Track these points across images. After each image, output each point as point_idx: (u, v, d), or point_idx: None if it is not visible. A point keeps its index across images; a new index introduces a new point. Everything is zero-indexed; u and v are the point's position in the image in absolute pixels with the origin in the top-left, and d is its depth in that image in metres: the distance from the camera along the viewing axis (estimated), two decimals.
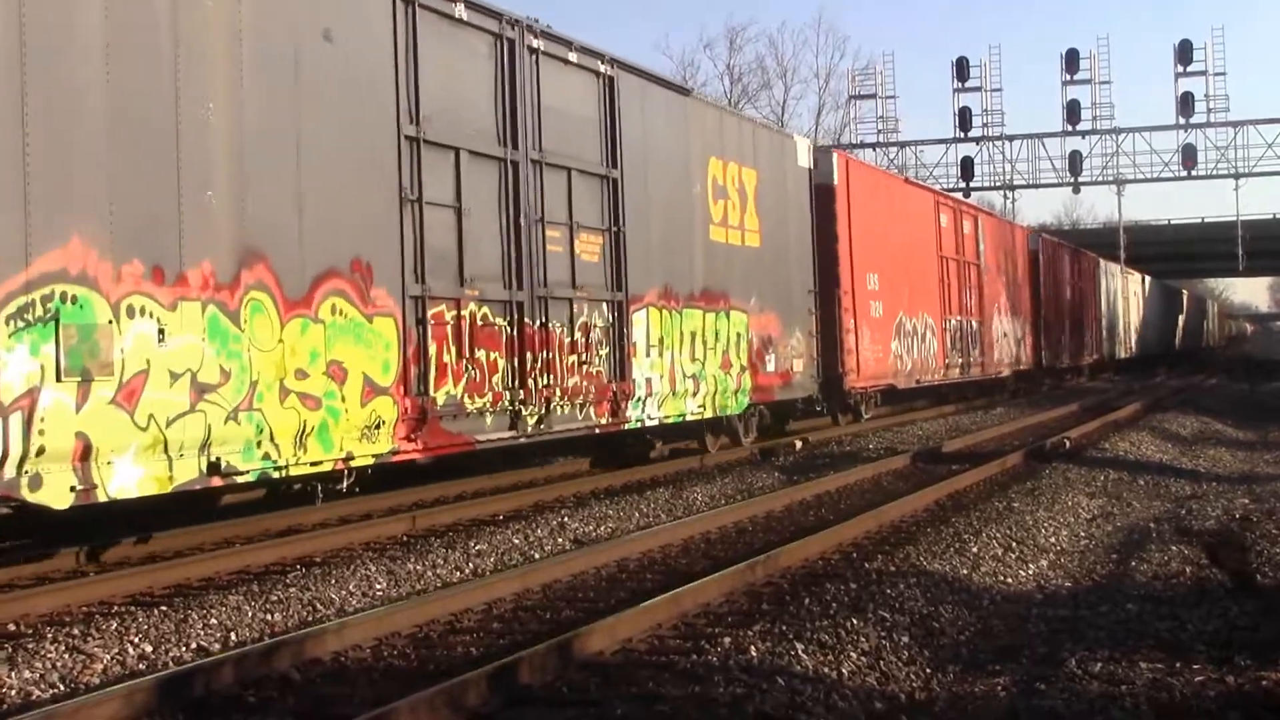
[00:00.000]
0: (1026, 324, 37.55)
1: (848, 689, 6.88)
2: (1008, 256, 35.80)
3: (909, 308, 26.47)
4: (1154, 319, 69.99)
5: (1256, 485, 15.65)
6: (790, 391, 20.47)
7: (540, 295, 13.91)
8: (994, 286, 33.54)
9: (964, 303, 30.53)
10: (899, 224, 26.38)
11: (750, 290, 19.10)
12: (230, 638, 8.25)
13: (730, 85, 61.39)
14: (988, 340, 32.60)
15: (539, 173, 13.99)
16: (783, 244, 20.42)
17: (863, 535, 11.88)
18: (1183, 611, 8.67)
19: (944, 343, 28.62)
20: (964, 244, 31.00)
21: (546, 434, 13.94)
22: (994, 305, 33.40)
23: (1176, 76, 52.62)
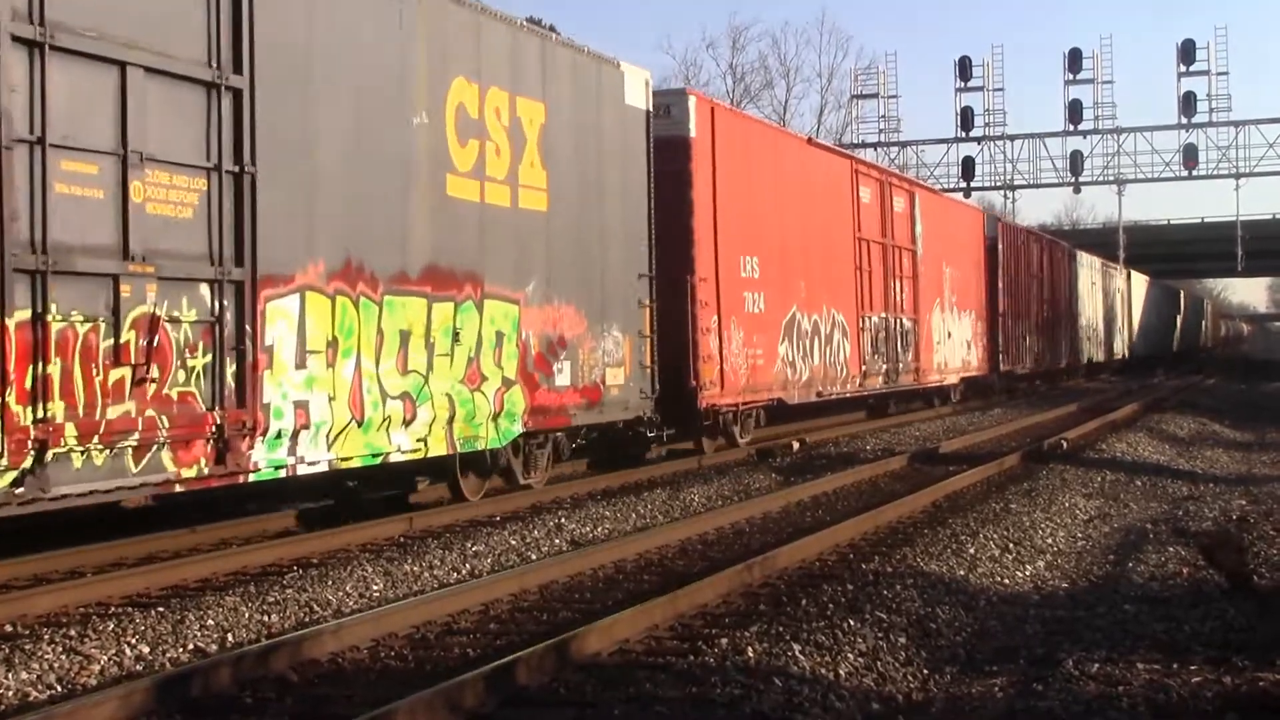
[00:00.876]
0: (980, 323, 32.92)
1: (845, 690, 6.88)
2: (956, 243, 30.89)
3: (808, 302, 21.52)
4: (1145, 319, 67.08)
5: (1253, 486, 15.67)
6: (601, 413, 15.34)
7: (30, 268, 8.59)
8: (935, 278, 28.64)
9: (892, 297, 25.79)
10: (795, 195, 21.22)
11: (526, 272, 13.90)
12: (227, 639, 8.25)
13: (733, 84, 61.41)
14: (924, 342, 27.64)
15: (37, 60, 8.64)
16: (591, 210, 15.06)
17: (860, 536, 11.88)
18: (1180, 612, 8.68)
19: (860, 345, 23.80)
20: (893, 225, 25.95)
21: (41, 501, 8.72)
22: (935, 300, 28.66)
23: (1179, 76, 52.66)
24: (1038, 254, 40.01)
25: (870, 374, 24.41)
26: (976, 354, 32.60)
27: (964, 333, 31.44)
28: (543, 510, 13.56)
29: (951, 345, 30.19)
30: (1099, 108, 53.55)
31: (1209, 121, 52.43)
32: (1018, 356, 36.72)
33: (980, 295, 33.01)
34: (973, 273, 32.46)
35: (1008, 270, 35.46)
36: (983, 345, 33.12)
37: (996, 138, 54.37)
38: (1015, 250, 36.68)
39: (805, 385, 21.33)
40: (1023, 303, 37.29)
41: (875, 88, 56.21)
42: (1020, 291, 37.02)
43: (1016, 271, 36.57)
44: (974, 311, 32.34)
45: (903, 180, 28.61)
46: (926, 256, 27.98)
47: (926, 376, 28.12)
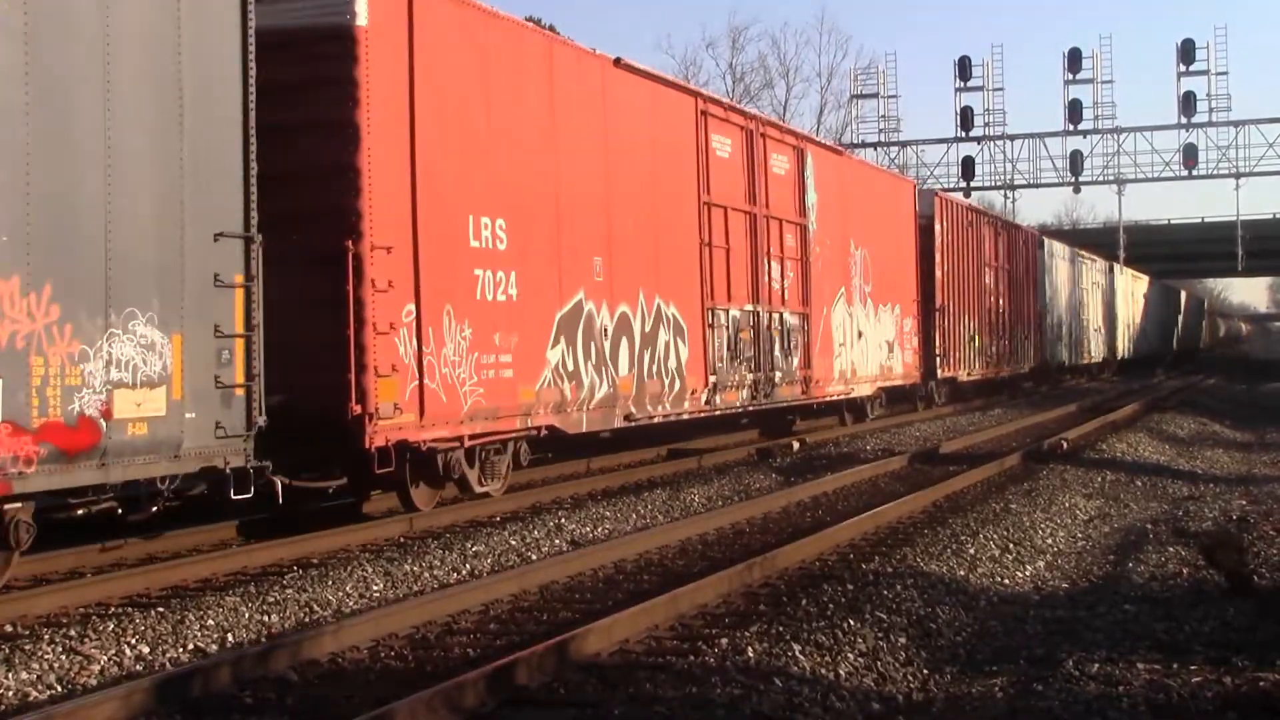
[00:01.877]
0: (911, 320, 26.98)
1: (845, 690, 6.88)
2: (875, 220, 24.90)
3: (610, 288, 15.46)
4: (1135, 317, 62.05)
5: (1254, 486, 15.67)
6: (99, 467, 9.05)
7: None
8: (838, 262, 22.71)
9: (766, 284, 19.42)
10: (587, 136, 15.21)
11: None
12: (227, 639, 8.25)
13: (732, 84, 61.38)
14: (820, 343, 21.54)
15: None
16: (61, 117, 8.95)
17: (860, 536, 11.88)
18: (1180, 613, 8.68)
19: (708, 348, 17.59)
20: (768, 190, 19.60)
21: None
22: (838, 290, 22.63)
23: (1179, 76, 52.71)
24: (991, 239, 33.82)
25: (726, 386, 18.16)
26: (903, 358, 26.45)
27: (884, 331, 25.35)
28: (543, 510, 13.56)
29: (864, 347, 24.00)
30: (1099, 107, 53.67)
31: (1209, 121, 52.48)
32: (963, 360, 30.60)
33: (911, 286, 27.03)
34: (900, 258, 26.40)
35: (949, 256, 29.59)
36: (913, 347, 27.13)
37: (996, 137, 54.41)
38: (960, 233, 30.59)
39: (602, 405, 15.13)
40: (971, 296, 31.28)
41: (875, 88, 56.28)
42: (967, 283, 31.05)
43: (961, 258, 30.64)
44: (899, 305, 26.19)
45: (787, 133, 21.36)
46: (825, 234, 21.82)
47: (823, 387, 21.81)
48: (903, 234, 26.89)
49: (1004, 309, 34.84)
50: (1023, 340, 37.07)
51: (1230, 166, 53.07)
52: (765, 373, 19.39)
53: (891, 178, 29.36)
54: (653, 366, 16.38)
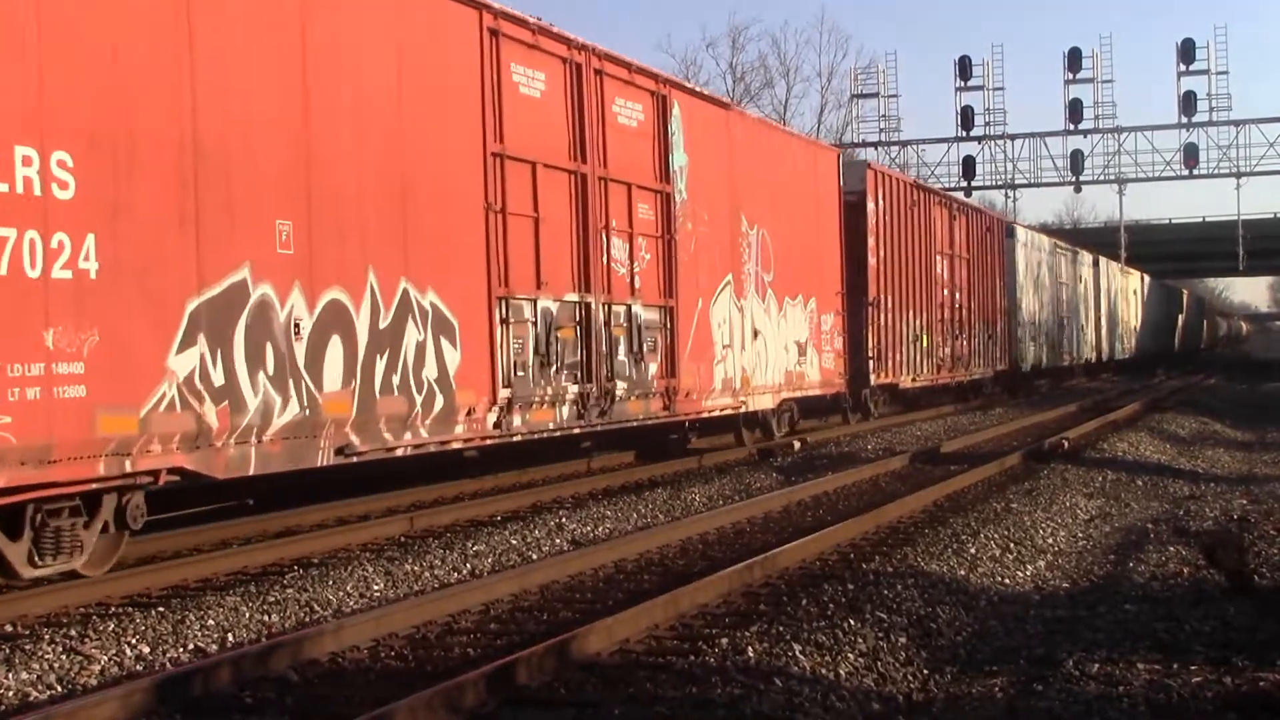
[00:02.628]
0: (833, 317, 22.38)
1: (845, 690, 6.88)
2: (782, 193, 20.23)
3: (322, 265, 11.11)
4: (1127, 315, 58.03)
5: (1254, 486, 15.67)
6: None
7: None
8: (723, 242, 18.13)
9: (599, 267, 14.84)
10: (258, 37, 10.63)
11: None
12: (228, 639, 8.25)
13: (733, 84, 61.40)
14: (694, 345, 17.05)
15: None
16: None
17: (860, 536, 11.88)
18: (1180, 612, 8.68)
19: (496, 350, 13.13)
20: (609, 144, 15.17)
21: None
22: (724, 278, 18.15)
23: (1179, 75, 52.75)
24: (945, 223, 29.13)
25: (531, 403, 13.63)
26: (820, 361, 21.71)
27: (793, 330, 20.64)
28: (544, 510, 13.57)
29: (762, 350, 19.38)
30: (1099, 107, 53.70)
31: (1209, 121, 52.49)
32: (906, 363, 26.26)
33: (832, 275, 22.40)
34: (816, 241, 21.76)
35: (887, 241, 25.13)
36: (835, 349, 22.47)
37: (997, 137, 54.43)
38: (901, 213, 26.00)
39: (289, 435, 10.69)
40: (917, 289, 26.93)
41: (875, 87, 56.26)
42: (912, 273, 26.62)
43: (904, 244, 26.16)
44: (816, 299, 21.60)
45: (641, 73, 16.26)
46: (701, 206, 17.38)
47: (698, 399, 17.29)
48: (822, 212, 21.87)
49: (962, 304, 30.29)
50: (986, 340, 32.67)
51: (1231, 166, 53.10)
52: (600, 384, 14.76)
53: (806, 143, 23.42)
54: (393, 377, 11.73)
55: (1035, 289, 38.97)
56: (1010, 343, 35.26)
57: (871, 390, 25.10)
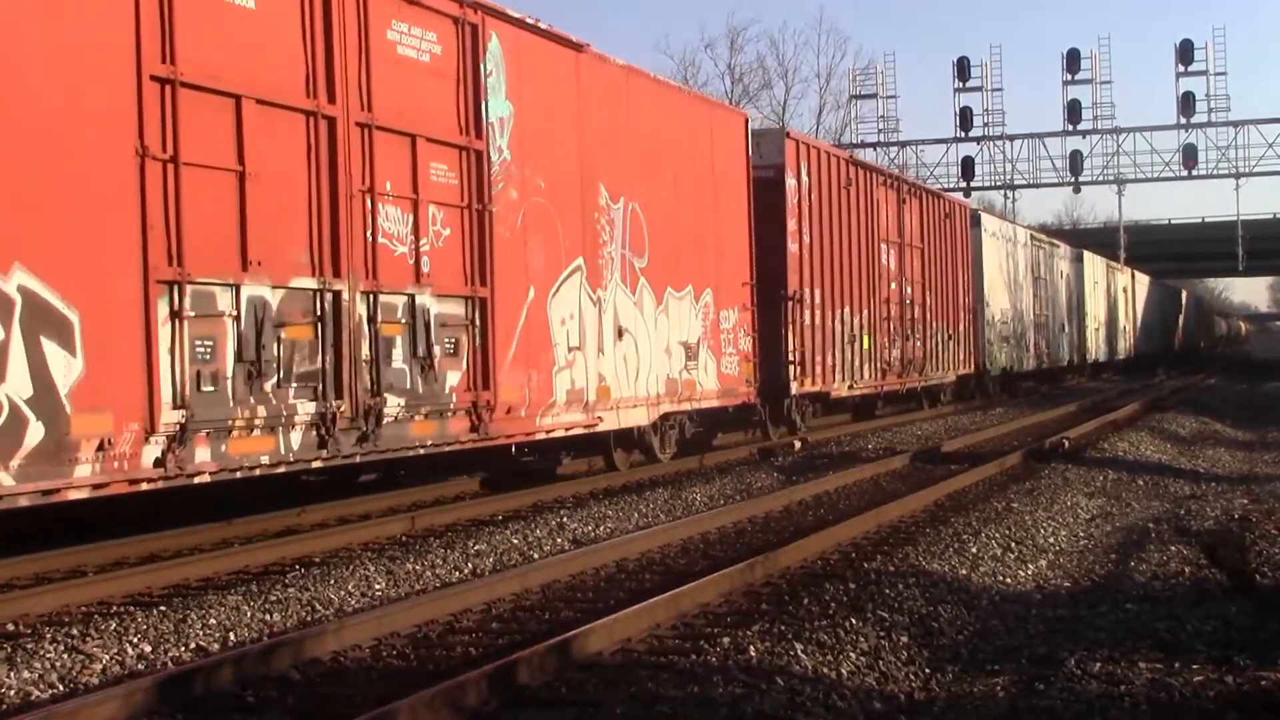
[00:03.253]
0: (737, 313, 18.58)
1: (847, 689, 6.88)
2: (661, 161, 16.64)
3: None
4: (1116, 314, 54.54)
5: (1255, 485, 15.67)
6: None
7: None
8: (572, 219, 14.62)
9: (358, 242, 11.41)
10: None
11: None
12: (229, 638, 8.25)
13: (731, 85, 61.44)
14: (521, 347, 13.51)
15: None
16: None
17: (862, 535, 11.88)
18: (1182, 612, 8.68)
19: (155, 355, 9.48)
20: (375, 80, 11.69)
21: None
22: (570, 264, 14.55)
23: (1177, 76, 52.75)
24: (893, 207, 25.60)
25: (224, 429, 10.10)
26: (719, 367, 18.01)
27: (678, 329, 16.94)
28: (545, 509, 13.57)
29: (631, 353, 15.69)
30: (1098, 108, 53.66)
31: (1208, 121, 52.48)
32: (841, 368, 22.50)
33: (738, 263, 18.71)
34: (716, 223, 18.00)
35: (815, 225, 21.40)
36: (742, 352, 18.71)
37: (996, 138, 54.41)
38: (834, 194, 22.29)
39: None
40: (854, 282, 23.26)
41: (874, 88, 56.26)
42: (849, 263, 22.98)
43: (838, 229, 22.44)
44: (713, 290, 17.88)
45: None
46: (535, 170, 13.77)
47: (528, 417, 13.66)
48: (722, 187, 18.14)
49: (916, 300, 26.66)
50: (946, 341, 29.00)
51: (1230, 166, 53.10)
52: (358, 400, 11.25)
53: (699, 102, 18.68)
54: None
55: (1007, 285, 35.44)
56: (977, 344, 31.64)
57: (795, 400, 20.98)
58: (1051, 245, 42.38)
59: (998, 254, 34.47)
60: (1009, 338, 35.37)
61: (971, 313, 31.11)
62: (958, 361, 30.09)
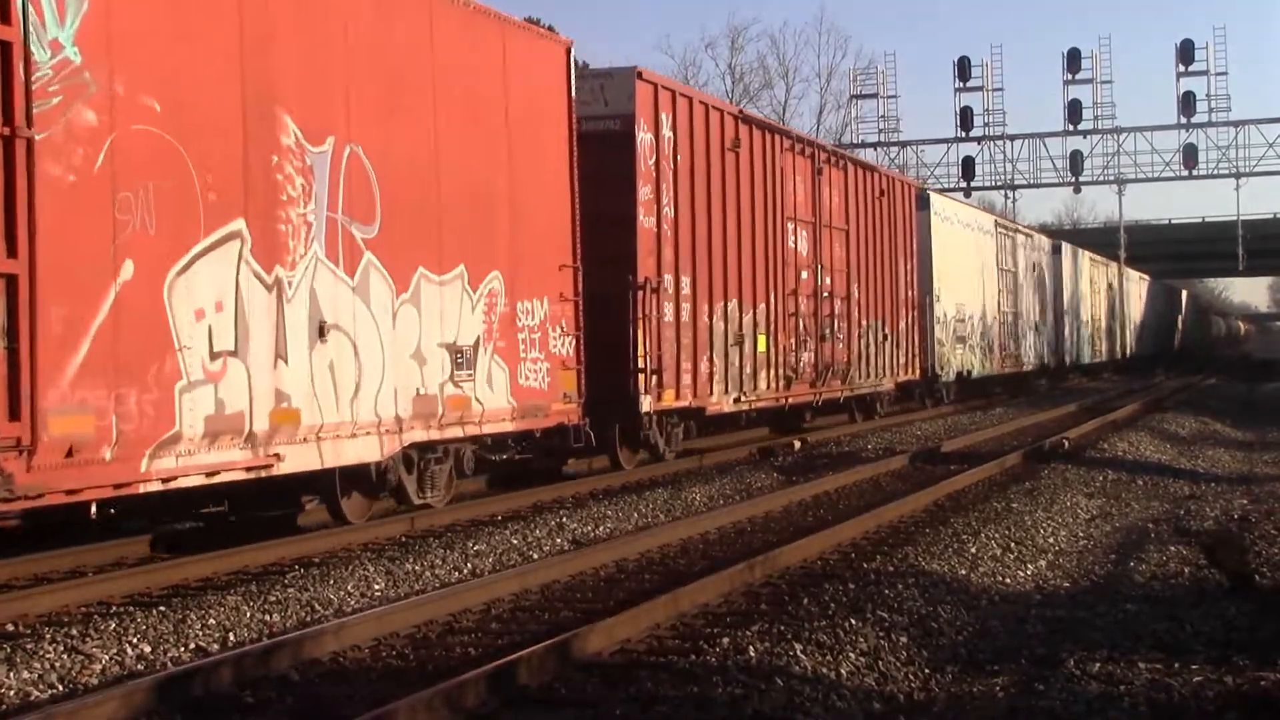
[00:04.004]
0: (545, 305, 14.19)
1: (846, 689, 6.88)
2: (408, 89, 12.23)
3: None
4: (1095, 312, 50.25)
5: (1255, 486, 15.68)
6: None
7: None
8: (210, 158, 9.92)
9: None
10: None
11: None
12: (229, 638, 8.25)
13: (732, 84, 61.41)
14: (102, 351, 8.88)
15: None
16: None
17: (861, 535, 11.88)
18: (1181, 612, 8.68)
19: None
20: None
21: None
22: (217, 227, 10.02)
23: (1178, 76, 52.70)
24: (808, 178, 21.14)
25: None
26: (512, 378, 13.54)
27: (446, 326, 12.60)
28: (544, 509, 13.57)
29: (347, 359, 11.39)
30: (1098, 108, 53.60)
31: (1209, 121, 52.46)
32: (718, 377, 18.05)
33: (554, 240, 14.39)
34: (510, 183, 13.61)
35: (681, 196, 17.01)
36: (557, 357, 14.34)
37: (996, 138, 54.38)
38: (715, 158, 18.02)
39: None
40: (745, 270, 18.96)
41: (874, 88, 56.19)
42: (733, 246, 18.57)
43: (718, 203, 18.04)
44: (503, 274, 13.46)
45: None
46: (137, 87, 9.35)
47: (116, 460, 9.04)
48: (524, 135, 13.72)
49: (838, 293, 22.30)
50: (881, 343, 24.72)
51: (1230, 166, 53.06)
52: None
53: (482, 16, 13.46)
54: None
55: (967, 277, 31.20)
56: (923, 345, 27.60)
57: (654, 418, 16.61)
58: (1024, 234, 38.88)
59: (954, 241, 30.35)
60: (967, 338, 31.16)
61: (917, 309, 27.13)
62: (897, 366, 25.85)
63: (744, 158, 19.02)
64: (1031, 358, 38.57)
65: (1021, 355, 36.99)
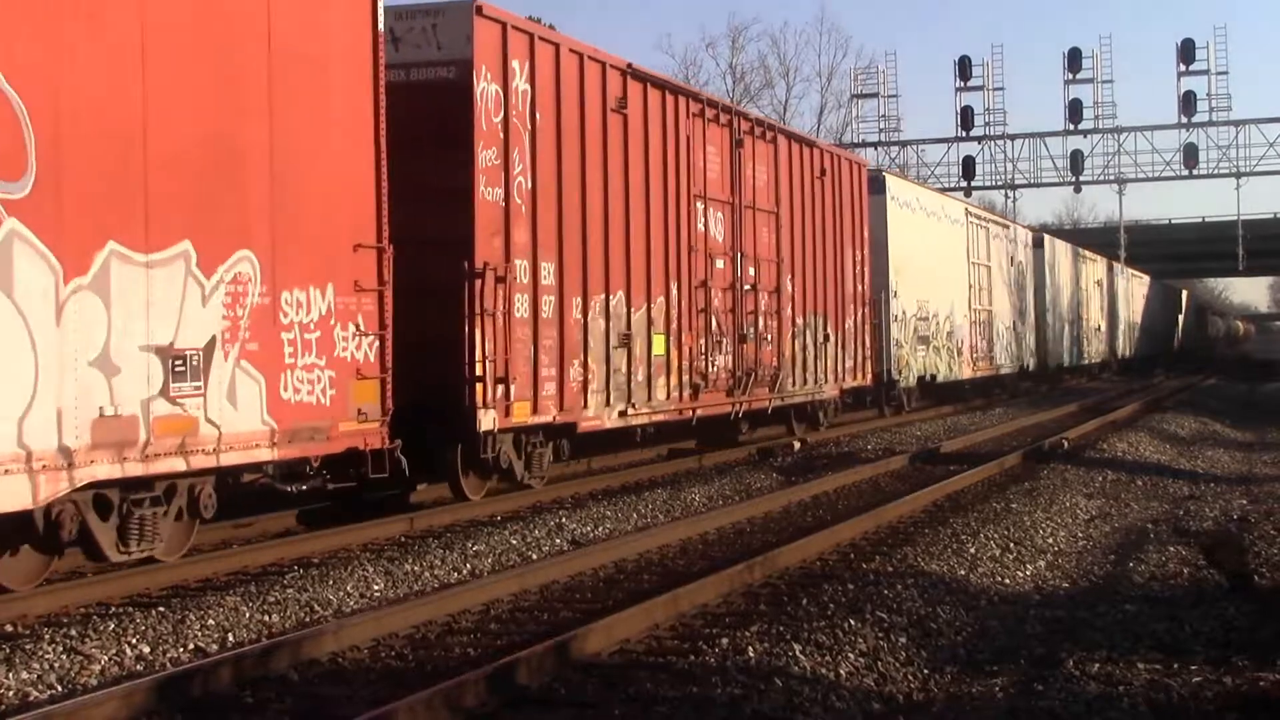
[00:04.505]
0: (330, 297, 10.96)
1: (845, 690, 6.88)
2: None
3: None
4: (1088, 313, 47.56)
5: (1254, 486, 15.69)
6: None
7: None
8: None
9: None
10: None
11: None
12: (228, 639, 8.25)
13: (732, 84, 61.34)
14: None
15: None
16: None
17: (860, 536, 11.88)
18: (1180, 612, 8.68)
19: None
20: None
21: None
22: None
23: (1179, 75, 52.69)
24: (721, 150, 18.06)
25: None
26: (267, 391, 10.34)
27: (154, 323, 9.36)
28: (543, 510, 13.56)
29: None
30: (1099, 107, 53.59)
31: (1209, 121, 52.45)
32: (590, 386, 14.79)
33: (349, 210, 11.30)
34: (275, 132, 10.47)
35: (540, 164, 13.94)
36: (346, 363, 11.18)
37: (997, 137, 54.37)
38: (589, 119, 14.81)
39: None
40: (638, 256, 15.83)
41: (875, 87, 56.16)
42: (618, 226, 15.40)
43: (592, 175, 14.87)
44: (256, 254, 10.30)
45: None
46: None
47: None
48: (292, 72, 10.64)
49: (764, 285, 19.12)
50: (822, 344, 21.42)
51: (1230, 166, 53.07)
52: None
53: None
54: None
55: (931, 270, 28.28)
56: (877, 346, 24.65)
57: (505, 436, 13.43)
58: (1001, 225, 35.47)
59: (916, 230, 27.38)
60: (931, 338, 28.23)
61: (869, 305, 23.86)
62: (843, 370, 22.46)
63: (635, 122, 15.78)
64: (1009, 360, 35.64)
65: (997, 357, 34.07)
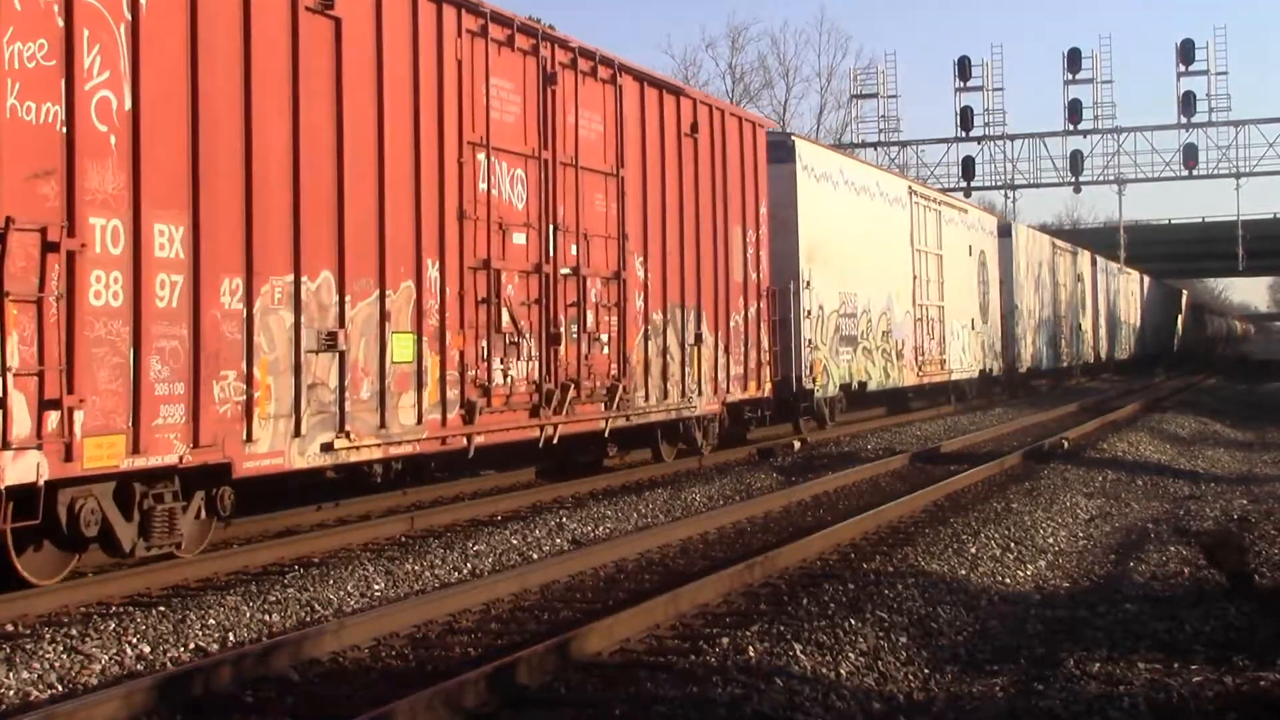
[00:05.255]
0: None
1: (846, 689, 6.88)
2: None
3: None
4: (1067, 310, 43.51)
5: (1254, 486, 15.69)
6: None
7: None
8: None
9: None
10: None
11: None
12: (228, 638, 8.25)
13: (732, 84, 61.37)
14: None
15: None
16: None
17: (861, 536, 11.88)
18: (1181, 612, 8.68)
19: None
20: None
21: None
22: None
23: (1178, 76, 52.68)
24: (523, 86, 13.54)
25: None
26: None
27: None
28: (544, 509, 13.57)
29: None
30: (1099, 107, 53.55)
31: (1209, 121, 52.45)
32: (269, 410, 10.23)
33: None
34: None
35: (133, 72, 9.08)
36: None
37: (996, 137, 54.35)
38: (249, 13, 10.07)
39: None
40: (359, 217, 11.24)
41: (875, 88, 56.14)
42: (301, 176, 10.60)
43: (246, 95, 10.07)
44: None
45: None
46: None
47: None
48: None
49: (596, 269, 14.90)
50: (691, 348, 16.91)
51: (1230, 166, 53.03)
52: None
53: None
54: None
55: (860, 258, 23.55)
56: (785, 346, 20.17)
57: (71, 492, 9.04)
58: (956, 209, 30.47)
59: (838, 209, 22.69)
60: (859, 338, 23.68)
61: (767, 298, 19.27)
62: (728, 378, 17.89)
63: (356, 29, 11.34)
64: (965, 363, 30.66)
65: (949, 361, 29.17)
